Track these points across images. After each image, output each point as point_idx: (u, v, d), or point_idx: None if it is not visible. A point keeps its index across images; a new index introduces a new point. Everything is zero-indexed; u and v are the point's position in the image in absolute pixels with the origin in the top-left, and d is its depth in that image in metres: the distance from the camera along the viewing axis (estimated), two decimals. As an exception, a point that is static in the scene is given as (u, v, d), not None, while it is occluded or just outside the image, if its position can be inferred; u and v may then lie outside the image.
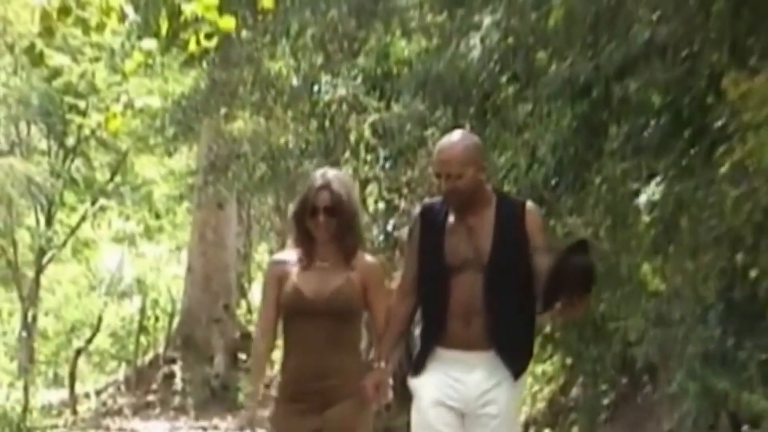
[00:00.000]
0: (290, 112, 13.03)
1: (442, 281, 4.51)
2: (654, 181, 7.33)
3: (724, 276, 6.67)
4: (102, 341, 19.97)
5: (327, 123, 12.14)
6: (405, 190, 11.93)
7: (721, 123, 6.57)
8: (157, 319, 19.42)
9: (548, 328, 8.75)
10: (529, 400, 10.20)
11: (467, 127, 7.93)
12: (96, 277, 20.99)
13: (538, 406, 10.61)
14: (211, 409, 16.43)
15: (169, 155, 18.59)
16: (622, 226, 7.58)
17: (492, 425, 4.51)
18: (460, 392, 4.53)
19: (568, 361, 9.91)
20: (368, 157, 11.83)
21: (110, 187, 18.95)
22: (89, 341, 18.80)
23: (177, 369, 17.34)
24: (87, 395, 17.42)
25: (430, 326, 4.59)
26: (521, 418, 9.32)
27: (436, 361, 4.56)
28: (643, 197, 7.39)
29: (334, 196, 4.54)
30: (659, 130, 7.14)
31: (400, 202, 12.06)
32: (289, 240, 4.82)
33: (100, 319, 18.91)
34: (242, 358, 17.03)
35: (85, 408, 16.94)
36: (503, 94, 8.48)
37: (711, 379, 6.49)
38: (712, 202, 6.60)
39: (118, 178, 19.08)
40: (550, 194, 7.63)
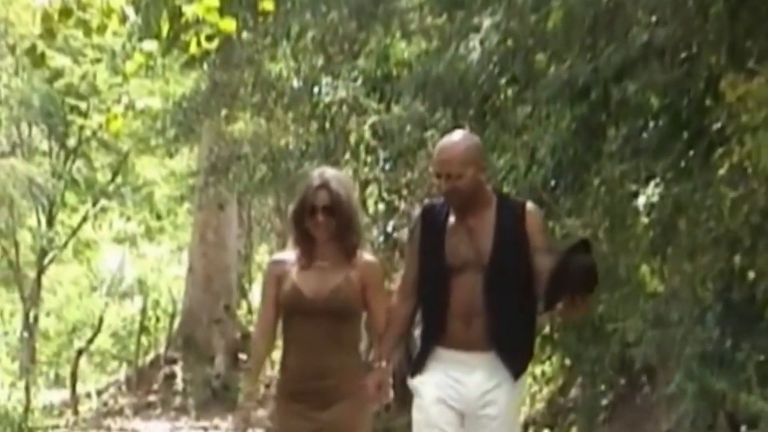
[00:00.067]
0: (291, 114, 13.06)
1: (443, 282, 4.53)
2: (652, 182, 7.35)
3: (722, 277, 6.68)
4: (103, 341, 19.99)
5: (327, 124, 12.15)
6: (405, 192, 11.95)
7: (719, 125, 6.60)
8: (158, 319, 19.42)
9: (547, 329, 8.77)
10: (528, 400, 10.20)
11: (467, 129, 7.95)
12: (97, 278, 21.00)
13: (537, 406, 10.63)
14: (212, 409, 16.44)
15: (170, 156, 18.63)
16: (621, 227, 7.59)
17: (492, 426, 4.53)
18: (460, 393, 4.54)
19: (567, 361, 9.91)
20: (368, 159, 11.85)
21: (111, 188, 18.97)
22: (90, 341, 18.82)
23: (178, 369, 17.36)
24: (88, 395, 17.44)
25: (430, 326, 4.60)
26: (520, 418, 9.34)
27: (436, 361, 4.57)
28: (642, 199, 7.42)
29: (333, 195, 4.54)
30: (658, 132, 7.16)
31: (400, 203, 12.08)
32: (290, 241, 4.83)
33: (101, 319, 18.92)
34: (243, 359, 17.04)
35: (87, 408, 16.96)
36: (502, 96, 8.50)
37: (709, 379, 6.49)
38: (710, 204, 6.62)
39: (119, 179, 19.10)
40: (549, 195, 7.64)
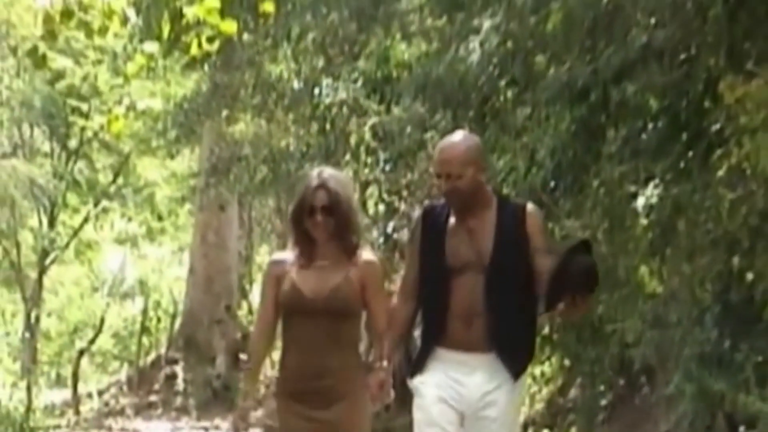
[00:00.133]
0: (291, 115, 13.08)
1: (443, 283, 4.53)
2: (651, 184, 7.36)
3: (720, 278, 6.69)
4: (104, 342, 20.00)
5: (328, 126, 12.17)
6: (405, 193, 11.97)
7: (718, 126, 6.61)
8: (159, 320, 19.42)
9: (546, 330, 8.78)
10: (527, 400, 10.21)
11: (467, 130, 7.96)
12: (98, 279, 21.00)
13: (537, 407, 10.64)
14: (213, 409, 16.45)
15: (171, 157, 18.66)
16: (620, 228, 7.60)
17: (492, 428, 4.54)
18: (460, 394, 4.55)
19: (567, 362, 9.92)
20: (368, 160, 11.86)
21: (112, 188, 18.98)
22: (92, 342, 18.83)
23: (179, 369, 17.38)
24: (90, 395, 17.45)
25: (430, 327, 4.61)
26: (520, 419, 9.35)
27: (437, 361, 4.58)
28: (641, 200, 7.43)
29: (331, 195, 4.54)
30: (657, 134, 7.17)
31: (400, 204, 12.11)
32: (290, 241, 4.83)
33: (102, 320, 18.93)
34: (244, 359, 17.03)
35: (88, 408, 16.97)
36: (502, 97, 8.51)
37: (707, 380, 6.50)
38: (709, 205, 6.63)
39: (120, 180, 19.11)
40: (548, 197, 7.65)
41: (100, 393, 17.60)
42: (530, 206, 4.71)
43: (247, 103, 13.35)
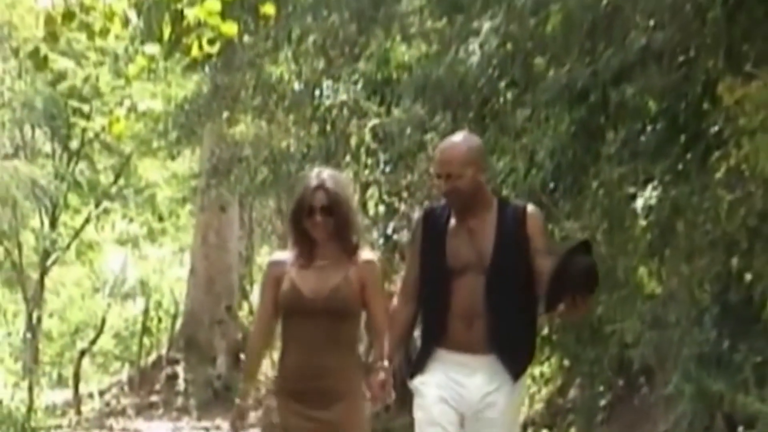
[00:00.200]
0: (292, 117, 13.08)
1: (444, 284, 4.55)
2: (650, 185, 7.37)
3: (719, 279, 6.70)
4: (106, 342, 20.00)
5: (328, 127, 12.18)
6: (405, 194, 11.98)
7: (717, 128, 6.62)
8: (160, 320, 19.43)
9: (546, 330, 8.80)
10: (527, 401, 10.23)
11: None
12: (100, 279, 21.01)
13: (536, 407, 10.65)
14: (214, 409, 16.45)
15: (172, 158, 18.67)
16: (619, 229, 7.61)
17: (492, 429, 4.56)
18: (460, 394, 4.56)
19: (566, 362, 9.93)
20: (369, 161, 11.87)
21: (114, 189, 18.96)
22: (93, 342, 18.83)
23: (180, 370, 17.39)
24: (91, 396, 17.46)
25: (431, 328, 4.63)
26: (520, 419, 9.37)
27: (437, 362, 4.60)
28: (640, 201, 7.44)
29: (330, 195, 4.56)
30: (655, 135, 7.18)
31: (400, 205, 12.12)
32: (290, 242, 4.85)
33: (103, 320, 18.93)
34: (244, 359, 17.06)
35: (89, 408, 16.98)
36: (502, 99, 8.52)
37: (706, 381, 6.51)
38: (708, 207, 6.64)
39: (121, 181, 19.09)
40: (547, 198, 7.66)
41: (102, 393, 17.61)
42: (530, 207, 4.73)
43: (247, 104, 13.36)
